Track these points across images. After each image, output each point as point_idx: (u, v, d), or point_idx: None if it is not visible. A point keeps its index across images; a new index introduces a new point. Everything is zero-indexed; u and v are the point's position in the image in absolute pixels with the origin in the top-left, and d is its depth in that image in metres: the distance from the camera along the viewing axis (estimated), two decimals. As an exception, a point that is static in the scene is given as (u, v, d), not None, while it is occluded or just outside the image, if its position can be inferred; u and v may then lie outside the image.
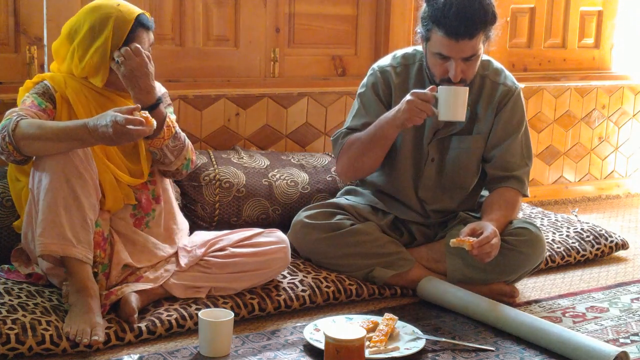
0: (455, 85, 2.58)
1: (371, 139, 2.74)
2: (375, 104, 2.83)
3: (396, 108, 2.65)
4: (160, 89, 2.66)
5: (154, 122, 2.29)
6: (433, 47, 2.63)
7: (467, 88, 2.59)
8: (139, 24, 2.44)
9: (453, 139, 2.82)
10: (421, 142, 2.84)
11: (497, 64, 2.87)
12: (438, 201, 2.87)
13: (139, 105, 2.31)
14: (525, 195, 2.85)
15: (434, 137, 2.82)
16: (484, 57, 2.82)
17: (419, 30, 2.70)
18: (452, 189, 2.87)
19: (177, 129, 2.53)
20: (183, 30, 3.32)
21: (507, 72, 2.88)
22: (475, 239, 2.49)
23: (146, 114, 2.26)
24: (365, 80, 2.90)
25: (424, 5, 2.65)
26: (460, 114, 2.58)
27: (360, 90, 2.90)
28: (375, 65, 2.90)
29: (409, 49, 2.88)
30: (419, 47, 2.79)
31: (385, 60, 2.89)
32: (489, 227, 2.53)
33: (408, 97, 2.60)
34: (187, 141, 2.58)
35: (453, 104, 2.55)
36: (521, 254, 2.70)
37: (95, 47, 2.41)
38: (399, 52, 2.89)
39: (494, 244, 2.50)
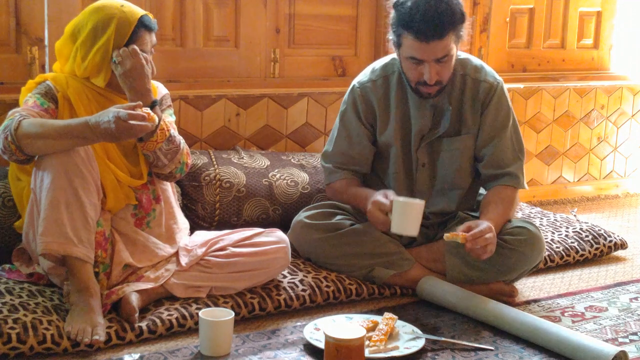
0: (412, 199, 2.57)
1: (353, 205, 2.84)
2: (355, 124, 2.88)
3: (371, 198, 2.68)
4: (162, 90, 2.67)
5: (156, 118, 2.30)
6: (405, 52, 2.65)
7: (423, 203, 2.55)
8: (142, 25, 2.45)
9: (442, 142, 2.82)
10: (409, 149, 2.85)
11: (476, 60, 2.87)
12: (435, 204, 2.88)
13: (140, 102, 2.32)
14: (522, 188, 2.86)
15: (422, 142, 2.83)
16: (463, 55, 2.84)
17: (390, 37, 2.71)
18: (448, 191, 2.87)
19: (173, 132, 2.53)
20: (183, 30, 3.33)
21: (488, 68, 2.87)
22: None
23: (147, 110, 2.27)
24: (346, 96, 2.93)
25: (392, 11, 2.67)
26: (410, 229, 2.54)
27: (341, 108, 2.94)
28: (355, 82, 2.91)
29: (387, 59, 2.89)
30: None
31: (364, 76, 2.90)
32: (484, 223, 2.54)
33: (369, 205, 2.63)
34: (183, 144, 2.58)
35: (405, 218, 2.52)
36: (520, 253, 2.71)
37: (97, 47, 2.42)
38: (378, 64, 2.90)
39: (488, 237, 2.50)
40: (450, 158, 2.83)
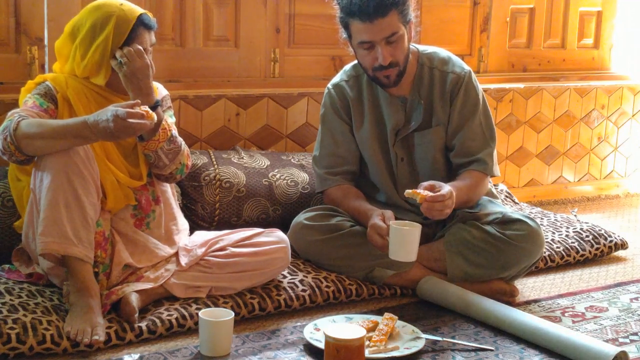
0: (407, 224, 2.55)
1: (353, 218, 2.81)
2: (337, 123, 2.94)
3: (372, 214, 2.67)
4: (162, 91, 2.67)
5: (155, 116, 2.30)
6: (355, 39, 2.73)
7: (419, 227, 2.52)
8: (141, 23, 2.45)
9: (415, 136, 2.88)
10: (387, 145, 2.91)
11: (443, 53, 2.92)
12: None
13: (138, 100, 2.31)
14: (491, 175, 2.88)
15: (397, 138, 2.88)
16: (430, 48, 2.91)
17: (341, 34, 2.80)
18: None
19: (174, 132, 2.53)
20: (183, 30, 3.32)
21: (455, 59, 2.92)
22: (430, 193, 2.52)
23: (146, 108, 2.27)
24: (323, 100, 3.00)
25: (336, 8, 2.76)
26: (407, 256, 2.52)
27: (321, 112, 3.00)
28: (329, 85, 2.99)
29: (357, 60, 2.93)
30: None
31: (337, 77, 2.99)
32: (447, 188, 2.57)
33: (368, 228, 2.64)
34: (184, 146, 2.58)
35: (401, 245, 2.50)
36: (520, 248, 2.71)
37: (96, 44, 2.41)
38: (348, 66, 2.99)
39: (446, 204, 2.53)
40: (424, 151, 2.88)
